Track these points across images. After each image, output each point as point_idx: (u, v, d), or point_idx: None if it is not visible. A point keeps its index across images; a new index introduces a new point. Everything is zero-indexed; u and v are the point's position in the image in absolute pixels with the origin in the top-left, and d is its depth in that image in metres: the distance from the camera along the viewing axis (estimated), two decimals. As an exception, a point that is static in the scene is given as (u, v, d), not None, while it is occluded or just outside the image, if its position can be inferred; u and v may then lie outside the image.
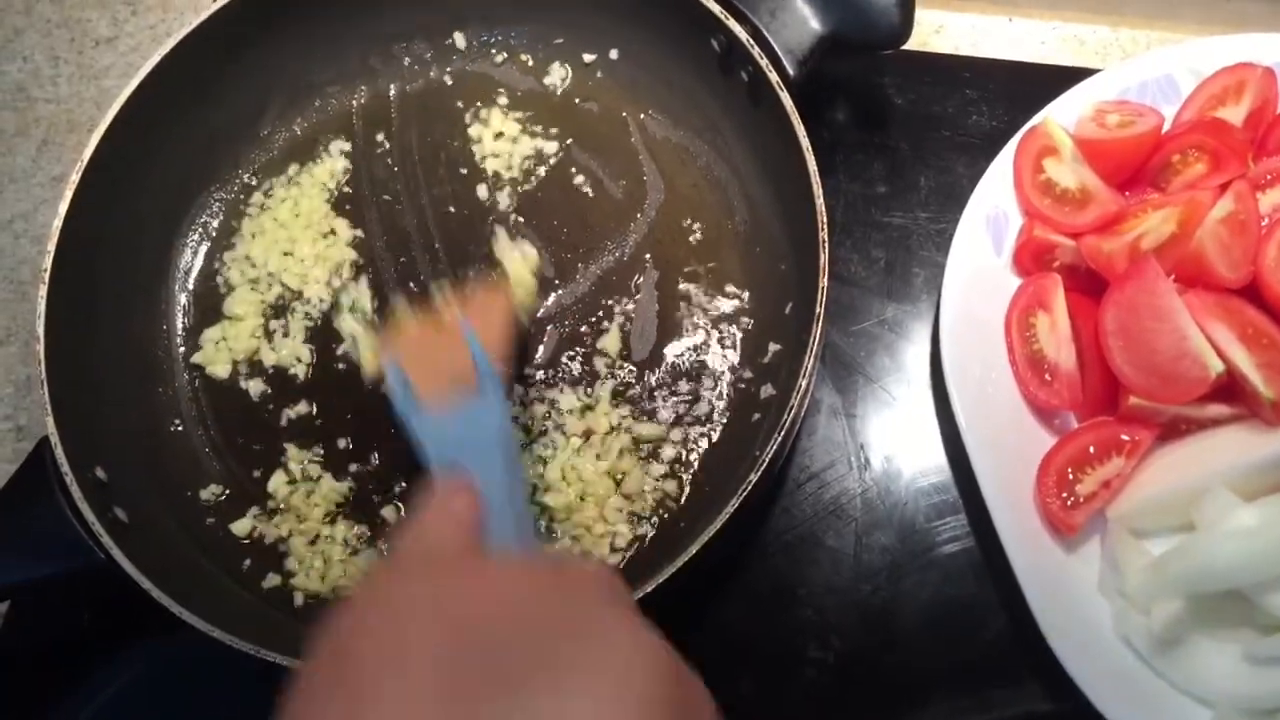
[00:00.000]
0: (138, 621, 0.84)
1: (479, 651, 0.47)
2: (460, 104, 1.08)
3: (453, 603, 0.50)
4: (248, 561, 0.93)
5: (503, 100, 1.07)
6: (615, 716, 0.45)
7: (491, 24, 1.08)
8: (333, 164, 1.06)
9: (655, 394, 0.96)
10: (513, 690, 0.45)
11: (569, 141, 1.05)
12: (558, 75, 1.07)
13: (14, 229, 1.12)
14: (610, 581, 0.55)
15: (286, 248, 1.03)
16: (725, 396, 0.95)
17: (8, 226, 1.12)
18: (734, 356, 0.96)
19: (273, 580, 0.93)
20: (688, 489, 0.93)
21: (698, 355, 0.97)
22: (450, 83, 1.09)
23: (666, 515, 0.92)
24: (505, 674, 0.46)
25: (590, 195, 1.04)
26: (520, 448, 0.80)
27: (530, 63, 1.08)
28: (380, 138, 1.07)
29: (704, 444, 0.94)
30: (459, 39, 1.08)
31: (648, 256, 1.01)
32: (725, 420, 0.95)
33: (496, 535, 0.66)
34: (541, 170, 1.05)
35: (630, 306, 0.99)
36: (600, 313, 0.99)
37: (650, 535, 0.92)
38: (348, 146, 1.07)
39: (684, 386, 0.96)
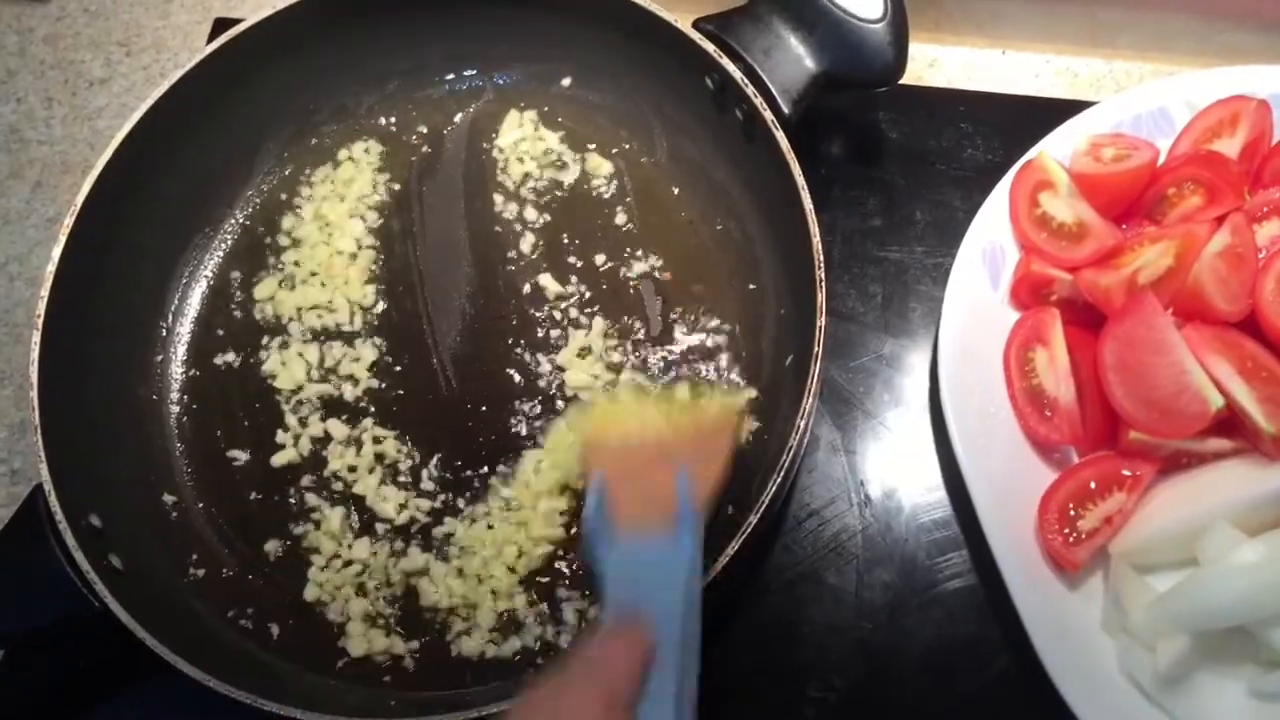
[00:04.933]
0: (133, 669, 0.84)
1: None
2: (458, 144, 1.08)
3: None
4: (249, 609, 0.93)
5: (497, 139, 1.07)
6: None
7: (488, 64, 1.09)
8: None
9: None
10: None
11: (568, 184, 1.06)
12: (550, 118, 1.07)
13: (8, 271, 1.11)
14: None
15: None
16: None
17: (2, 269, 1.12)
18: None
19: (273, 629, 0.92)
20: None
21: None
22: (456, 122, 1.09)
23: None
24: None
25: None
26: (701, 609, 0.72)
27: (523, 103, 1.08)
28: (380, 179, 1.07)
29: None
30: (454, 80, 1.08)
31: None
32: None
33: (651, 708, 0.62)
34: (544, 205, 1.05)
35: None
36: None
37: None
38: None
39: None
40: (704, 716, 0.90)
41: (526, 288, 1.01)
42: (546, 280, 1.01)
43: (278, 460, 0.97)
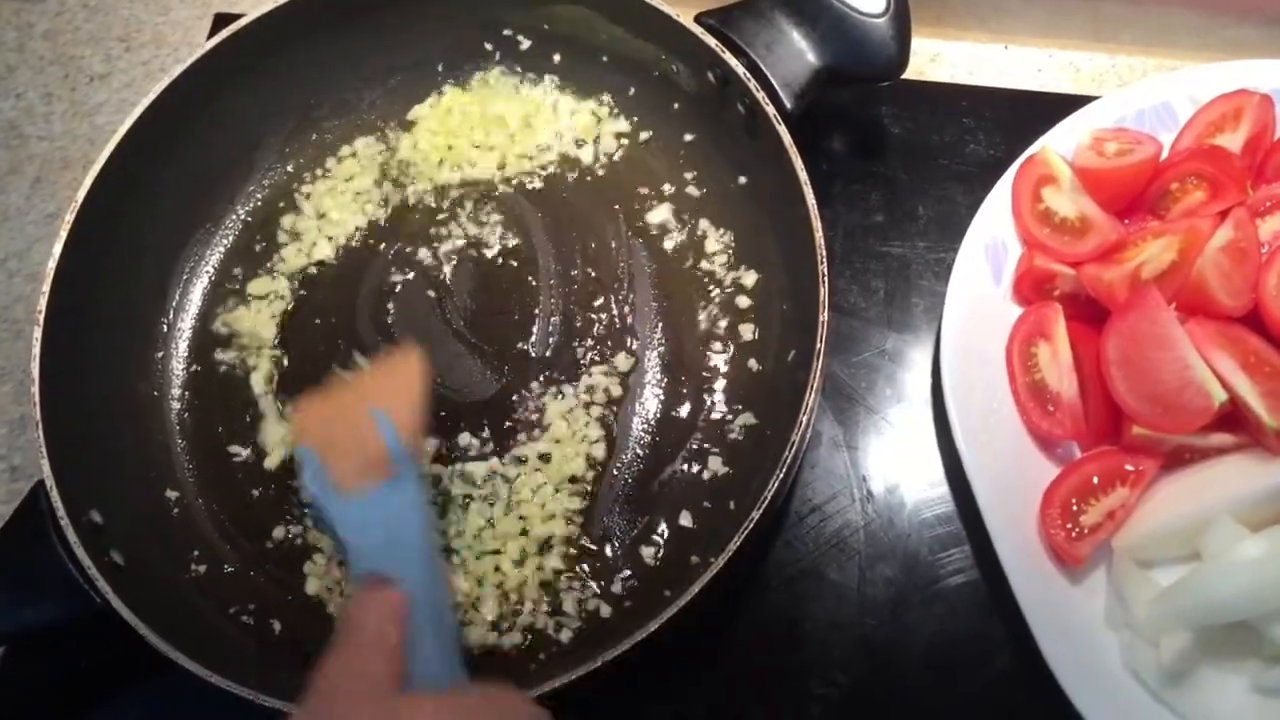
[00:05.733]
0: (135, 666, 0.83)
1: None
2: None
3: None
4: (250, 605, 0.93)
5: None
6: None
7: (489, 59, 1.08)
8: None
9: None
10: None
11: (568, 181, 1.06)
12: (553, 114, 1.07)
13: (8, 267, 1.11)
14: (529, 713, 0.61)
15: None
16: (725, 430, 0.95)
17: (1, 265, 1.12)
18: (730, 388, 0.96)
19: (274, 625, 0.92)
20: (693, 524, 0.92)
21: (697, 385, 0.97)
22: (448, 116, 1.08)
23: (672, 547, 0.92)
24: None
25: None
26: (441, 535, 0.80)
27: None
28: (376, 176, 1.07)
29: (706, 478, 0.94)
30: (457, 75, 1.09)
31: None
32: (725, 455, 0.94)
33: (420, 660, 0.66)
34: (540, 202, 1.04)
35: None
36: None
37: (660, 557, 0.92)
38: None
39: (683, 414, 0.96)
40: (709, 713, 0.91)
41: (530, 280, 1.01)
42: (548, 275, 1.01)
43: (270, 463, 0.97)
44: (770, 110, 0.89)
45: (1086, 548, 0.87)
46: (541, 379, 0.97)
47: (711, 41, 0.92)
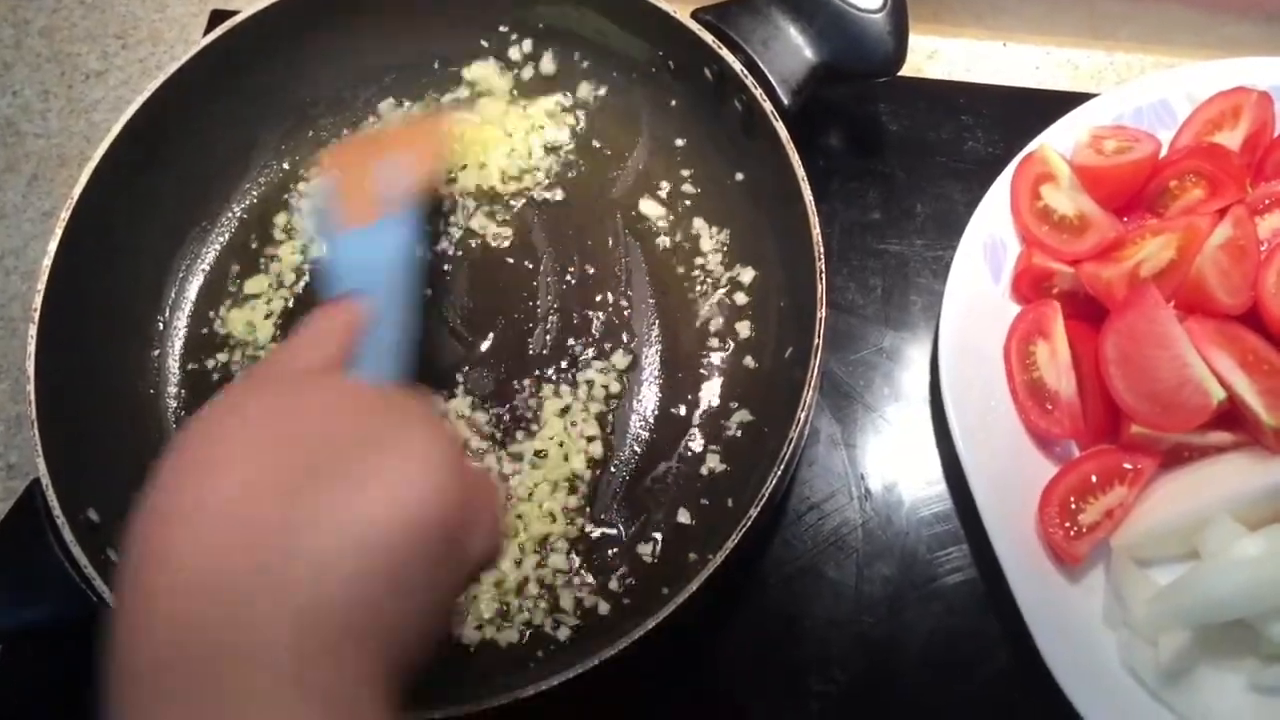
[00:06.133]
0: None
1: (306, 452, 0.56)
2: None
3: (291, 415, 0.59)
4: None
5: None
6: (415, 485, 0.56)
7: (486, 56, 1.08)
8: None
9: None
10: (333, 477, 0.55)
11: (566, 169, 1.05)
12: (550, 110, 1.07)
13: (4, 265, 1.11)
14: (423, 406, 0.64)
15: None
16: (723, 427, 0.95)
17: (-2, 262, 1.12)
18: (727, 386, 0.96)
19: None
20: (691, 521, 0.92)
21: (694, 383, 0.96)
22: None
23: (670, 545, 0.92)
24: (331, 468, 0.55)
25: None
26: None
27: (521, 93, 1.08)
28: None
29: (703, 475, 0.94)
30: (453, 71, 1.08)
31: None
32: (722, 452, 0.94)
33: (366, 364, 0.69)
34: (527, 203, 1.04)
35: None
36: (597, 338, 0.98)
37: (653, 563, 0.91)
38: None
39: (681, 411, 0.96)
40: (708, 710, 0.91)
41: (527, 277, 1.01)
42: (546, 272, 1.01)
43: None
44: (767, 107, 0.89)
45: (1085, 546, 0.87)
46: (538, 376, 0.97)
47: (708, 38, 0.92)
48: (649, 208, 1.02)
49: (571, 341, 0.98)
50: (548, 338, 0.98)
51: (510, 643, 0.89)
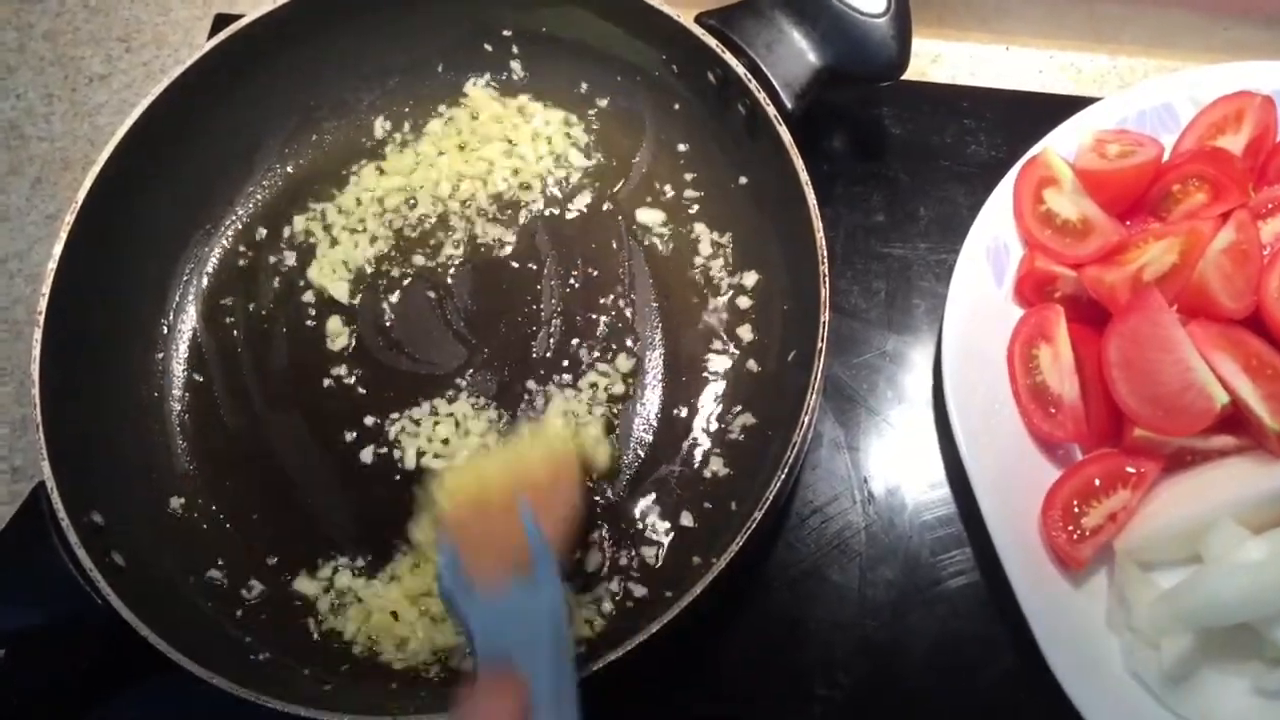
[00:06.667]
0: (137, 667, 0.83)
1: None
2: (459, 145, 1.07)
3: None
4: (251, 607, 0.93)
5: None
6: None
7: (489, 60, 1.08)
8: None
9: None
10: None
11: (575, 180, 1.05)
12: (554, 114, 1.07)
13: (8, 268, 1.11)
14: None
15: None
16: (726, 430, 0.95)
17: (2, 266, 1.11)
18: (730, 389, 0.96)
19: (276, 627, 0.92)
20: (694, 524, 0.92)
21: (697, 386, 0.97)
22: (450, 120, 1.09)
23: (674, 548, 0.92)
24: None
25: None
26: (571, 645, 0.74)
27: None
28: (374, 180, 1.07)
29: (707, 479, 0.94)
30: (455, 75, 1.08)
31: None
32: (726, 456, 0.94)
33: None
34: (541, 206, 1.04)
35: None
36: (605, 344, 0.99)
37: (657, 567, 0.91)
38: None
39: (684, 414, 0.96)
40: (711, 714, 0.91)
41: (531, 280, 1.01)
42: (550, 276, 1.01)
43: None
44: (771, 111, 0.89)
45: (1088, 550, 0.87)
46: (541, 378, 0.97)
47: (712, 42, 0.92)
48: (652, 212, 1.03)
49: (575, 345, 0.98)
50: (551, 341, 0.98)
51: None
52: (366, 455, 0.96)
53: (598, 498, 0.93)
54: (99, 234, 0.93)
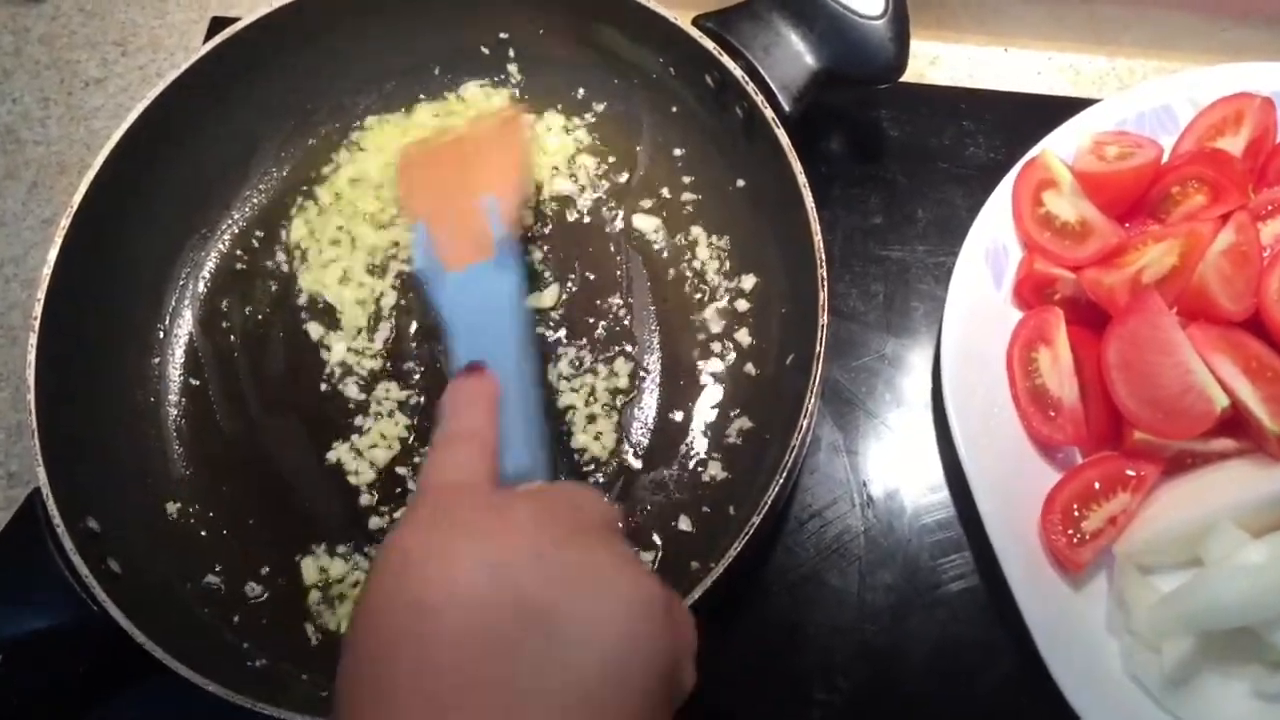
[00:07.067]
0: (133, 674, 0.83)
1: (513, 602, 0.54)
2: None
3: (490, 553, 0.56)
4: (249, 613, 0.92)
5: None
6: (627, 621, 0.56)
7: (486, 64, 1.08)
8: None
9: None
10: (548, 635, 0.54)
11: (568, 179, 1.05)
12: (551, 117, 1.07)
13: (4, 273, 1.11)
14: (610, 515, 0.64)
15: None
16: (724, 434, 0.94)
17: (-2, 270, 1.11)
18: (728, 393, 0.96)
19: (274, 632, 0.91)
20: (692, 529, 0.92)
21: (695, 390, 0.96)
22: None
23: (672, 552, 0.91)
24: (540, 621, 0.54)
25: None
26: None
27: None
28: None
29: (705, 483, 0.93)
30: (451, 79, 1.08)
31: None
32: (724, 460, 0.94)
33: (511, 454, 0.68)
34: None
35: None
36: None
37: (659, 562, 0.91)
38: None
39: (681, 418, 0.96)
40: (713, 718, 0.91)
41: (528, 301, 1.00)
42: (548, 293, 1.00)
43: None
44: (768, 113, 0.89)
45: (1088, 553, 0.86)
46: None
47: (709, 44, 0.92)
48: (649, 215, 1.02)
49: (572, 347, 0.98)
50: (548, 344, 0.98)
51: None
52: (364, 458, 0.96)
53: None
54: (95, 238, 0.92)
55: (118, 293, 0.97)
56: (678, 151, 1.04)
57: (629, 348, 0.98)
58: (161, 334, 1.01)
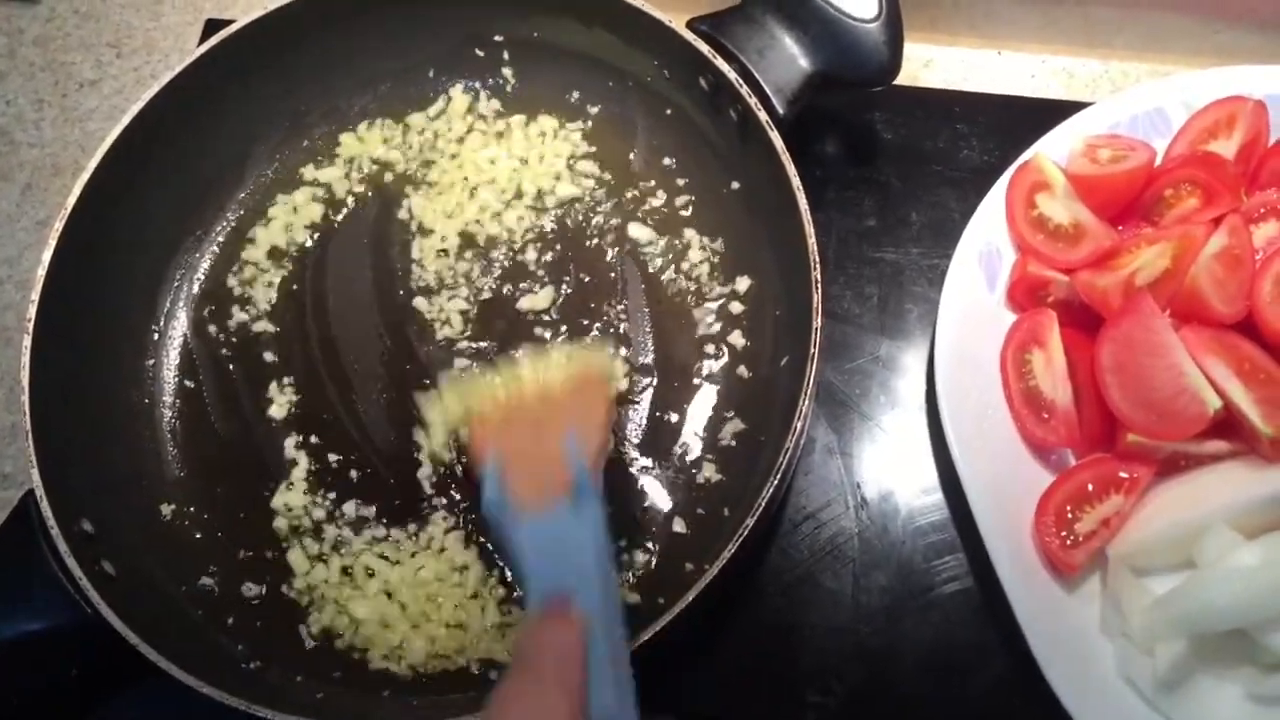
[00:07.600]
0: (128, 676, 0.83)
1: None
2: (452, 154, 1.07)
3: None
4: (243, 616, 0.92)
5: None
6: None
7: (480, 66, 1.08)
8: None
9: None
10: None
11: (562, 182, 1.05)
12: (545, 120, 1.07)
13: (-2, 274, 1.11)
14: None
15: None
16: (718, 436, 0.94)
17: (-8, 272, 1.11)
18: (723, 395, 0.96)
19: (268, 635, 0.91)
20: (686, 531, 0.92)
21: (689, 392, 0.96)
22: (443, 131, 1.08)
23: (666, 555, 0.92)
24: None
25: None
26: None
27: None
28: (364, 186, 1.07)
29: (699, 484, 0.93)
30: (446, 81, 1.08)
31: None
32: (718, 461, 0.94)
33: (597, 698, 0.64)
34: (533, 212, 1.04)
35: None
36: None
37: (653, 564, 0.91)
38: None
39: (676, 420, 0.96)
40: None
41: (523, 303, 1.01)
42: (543, 294, 1.01)
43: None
44: (762, 116, 0.89)
45: (1081, 555, 0.87)
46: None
47: (703, 47, 0.92)
48: (644, 219, 1.02)
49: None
50: (543, 345, 0.98)
51: (509, 653, 0.89)
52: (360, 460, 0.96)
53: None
54: (89, 240, 0.92)
55: (112, 294, 0.97)
56: (672, 155, 1.04)
57: (623, 350, 0.98)
58: (156, 335, 1.01)
